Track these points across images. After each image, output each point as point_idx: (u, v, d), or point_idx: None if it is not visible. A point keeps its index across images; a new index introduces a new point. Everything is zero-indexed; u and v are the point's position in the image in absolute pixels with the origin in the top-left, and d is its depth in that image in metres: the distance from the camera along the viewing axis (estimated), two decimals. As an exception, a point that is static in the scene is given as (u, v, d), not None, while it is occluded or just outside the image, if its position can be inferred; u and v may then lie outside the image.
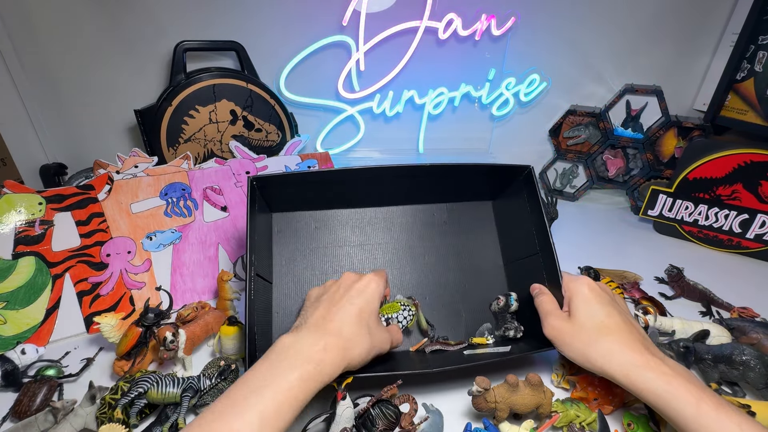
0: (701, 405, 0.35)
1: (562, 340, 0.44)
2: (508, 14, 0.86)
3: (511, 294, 0.52)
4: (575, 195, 1.00)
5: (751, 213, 0.75)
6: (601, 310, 0.44)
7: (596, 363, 0.41)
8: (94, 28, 0.77)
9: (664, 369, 0.38)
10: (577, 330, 0.44)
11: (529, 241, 0.54)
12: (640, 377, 0.38)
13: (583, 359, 0.42)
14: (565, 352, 0.44)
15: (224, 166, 0.70)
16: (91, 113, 0.84)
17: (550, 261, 0.51)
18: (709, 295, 0.64)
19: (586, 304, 0.45)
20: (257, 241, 0.49)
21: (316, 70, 0.86)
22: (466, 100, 0.95)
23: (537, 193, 0.54)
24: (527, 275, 0.54)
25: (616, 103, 0.91)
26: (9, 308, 0.53)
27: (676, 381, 0.37)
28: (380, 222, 0.59)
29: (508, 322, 0.52)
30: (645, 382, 0.38)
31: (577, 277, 0.48)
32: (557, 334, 0.45)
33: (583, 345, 0.43)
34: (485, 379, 0.42)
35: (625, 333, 0.42)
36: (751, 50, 0.79)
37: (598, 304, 0.45)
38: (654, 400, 0.37)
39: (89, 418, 0.42)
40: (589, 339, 0.43)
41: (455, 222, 0.61)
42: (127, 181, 0.63)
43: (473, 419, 0.44)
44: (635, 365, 0.39)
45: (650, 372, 0.38)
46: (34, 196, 0.58)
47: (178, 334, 0.48)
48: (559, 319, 0.46)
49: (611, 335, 0.42)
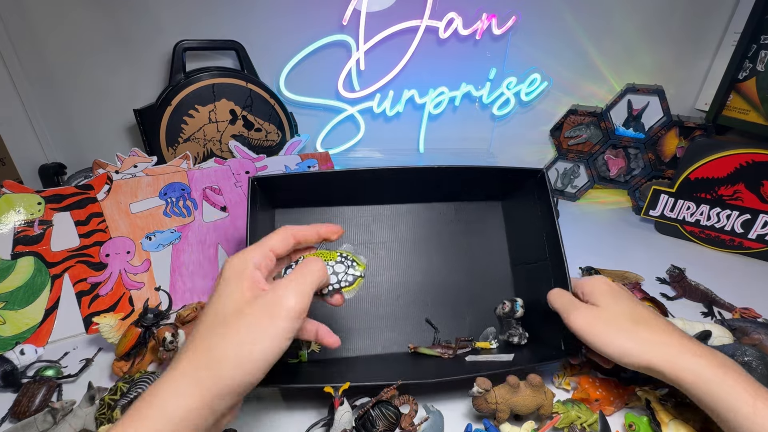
0: (757, 403, 0.32)
1: (594, 331, 0.41)
2: (509, 13, 0.85)
3: (517, 300, 0.51)
4: (576, 195, 1.00)
5: (753, 213, 0.74)
6: (628, 301, 0.42)
7: (634, 353, 0.38)
8: (93, 27, 0.77)
9: (716, 360, 0.35)
10: (611, 319, 0.41)
11: (538, 246, 0.53)
12: (689, 365, 0.35)
13: (619, 350, 0.39)
14: (597, 343, 0.40)
15: (224, 165, 0.70)
16: (91, 113, 0.84)
17: (559, 268, 0.49)
18: (711, 296, 0.63)
19: (611, 297, 0.43)
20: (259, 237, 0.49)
21: (316, 69, 0.86)
22: (467, 99, 0.94)
23: (549, 197, 0.52)
24: (534, 280, 0.53)
25: (617, 102, 0.91)
26: (8, 308, 0.53)
27: (731, 375, 0.34)
28: (385, 220, 0.58)
29: (512, 328, 0.51)
30: (694, 371, 0.35)
31: (591, 276, 0.47)
32: (586, 326, 0.41)
33: (617, 335, 0.39)
34: (486, 380, 0.41)
35: (662, 322, 0.40)
36: (753, 50, 0.79)
37: (622, 296, 0.43)
38: (701, 392, 0.34)
39: (88, 418, 0.42)
40: (624, 328, 0.40)
41: (462, 221, 0.59)
42: (126, 180, 0.63)
43: (474, 420, 0.44)
44: (681, 352, 0.36)
45: (701, 359, 0.35)
46: (33, 196, 0.58)
47: (178, 335, 0.47)
48: (586, 310, 0.42)
49: (648, 324, 0.39)
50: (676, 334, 0.38)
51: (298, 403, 0.46)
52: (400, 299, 0.56)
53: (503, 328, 0.53)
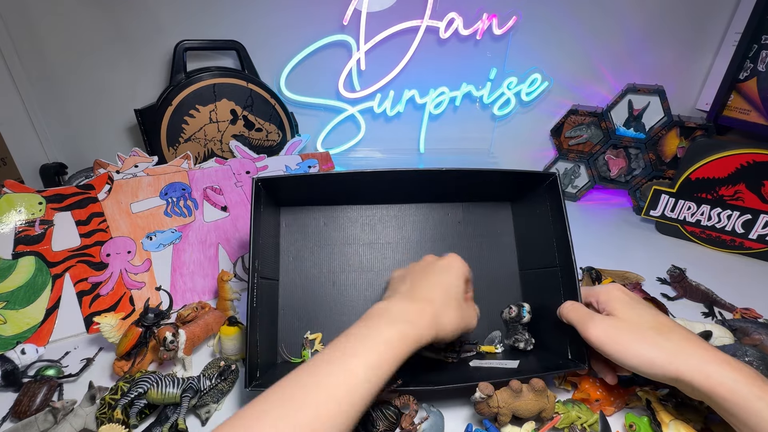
0: None
1: (615, 342, 0.38)
2: (509, 13, 0.85)
3: (524, 305, 0.50)
4: (577, 195, 1.00)
5: (754, 213, 0.74)
6: (648, 310, 0.40)
7: (660, 363, 0.36)
8: (94, 27, 0.77)
9: (751, 373, 0.33)
10: (633, 329, 0.39)
11: (548, 251, 0.52)
12: (724, 378, 0.33)
13: (644, 361, 0.37)
14: (619, 354, 0.38)
15: (224, 165, 0.70)
16: (91, 113, 0.84)
17: (569, 276, 0.48)
18: (712, 296, 0.63)
19: (629, 306, 0.41)
20: (262, 240, 0.48)
21: (316, 69, 0.86)
22: (467, 99, 0.94)
23: (562, 202, 0.50)
24: (543, 286, 0.52)
25: (618, 102, 0.91)
26: (9, 308, 0.53)
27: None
28: (391, 220, 0.57)
29: (518, 333, 0.51)
30: (729, 385, 0.33)
31: (605, 285, 0.45)
32: (605, 338, 0.39)
33: (641, 345, 0.37)
34: (489, 385, 0.41)
35: (686, 331, 0.37)
36: (754, 50, 0.79)
37: (640, 304, 0.41)
38: (736, 407, 0.32)
39: (89, 418, 0.42)
40: (647, 338, 0.38)
41: (470, 223, 0.58)
42: (127, 180, 0.63)
43: (474, 420, 0.44)
44: (713, 363, 0.34)
45: (737, 373, 0.33)
46: (34, 195, 0.58)
47: (178, 335, 0.47)
48: (605, 321, 0.40)
49: (673, 333, 0.37)
50: (703, 344, 0.36)
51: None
52: None
53: (509, 332, 0.52)
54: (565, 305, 0.45)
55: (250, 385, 0.42)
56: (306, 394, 0.30)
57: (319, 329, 0.52)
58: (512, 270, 0.57)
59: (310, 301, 0.54)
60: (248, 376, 0.42)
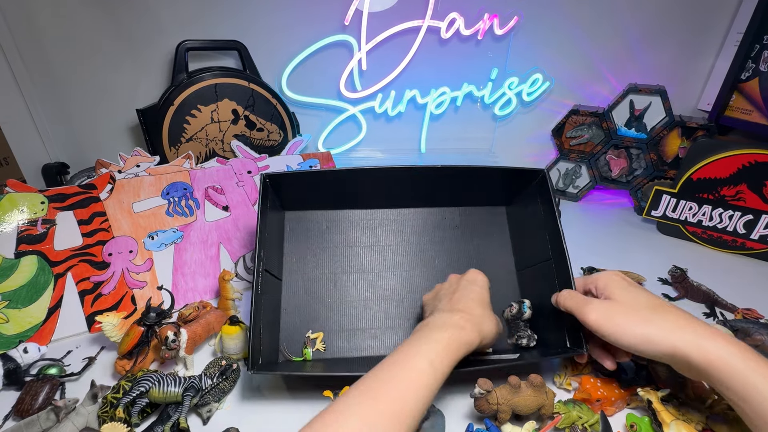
0: None
1: (612, 323, 0.40)
2: (510, 13, 0.85)
3: (525, 301, 0.51)
4: (578, 195, 1.00)
5: (756, 213, 0.74)
6: (644, 292, 0.42)
7: (656, 339, 0.37)
8: (96, 27, 0.77)
9: (744, 347, 0.34)
10: (629, 310, 0.40)
11: (542, 247, 0.53)
12: (719, 351, 0.34)
13: (640, 338, 0.38)
14: (616, 335, 0.39)
15: (226, 165, 0.70)
16: (93, 112, 0.84)
17: (563, 268, 0.49)
18: (713, 297, 0.63)
19: (625, 289, 0.42)
20: (267, 237, 0.49)
21: (318, 69, 0.86)
22: (469, 99, 0.94)
23: (551, 197, 0.52)
24: (540, 282, 0.53)
25: (619, 102, 0.91)
26: (11, 307, 0.53)
27: (763, 364, 0.33)
28: (391, 224, 0.59)
29: (520, 330, 0.51)
30: (724, 358, 0.34)
31: (603, 272, 0.47)
32: (602, 319, 0.40)
33: (637, 323, 0.39)
34: (487, 381, 0.41)
35: (681, 310, 0.39)
36: (756, 50, 0.78)
37: (636, 288, 0.43)
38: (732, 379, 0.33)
39: (91, 416, 0.42)
40: (644, 317, 0.39)
41: (467, 226, 0.60)
42: (128, 180, 0.64)
43: (475, 420, 0.44)
44: (708, 337, 0.35)
45: (731, 347, 0.34)
46: (37, 195, 0.58)
47: (180, 334, 0.48)
48: (602, 303, 0.42)
49: (667, 311, 0.39)
50: (698, 321, 0.38)
51: (299, 403, 0.46)
52: (404, 301, 0.56)
53: (511, 331, 0.52)
54: (561, 293, 0.47)
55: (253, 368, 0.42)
56: (381, 386, 0.34)
57: (320, 329, 0.52)
58: (510, 270, 0.59)
59: (311, 301, 0.54)
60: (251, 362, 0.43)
